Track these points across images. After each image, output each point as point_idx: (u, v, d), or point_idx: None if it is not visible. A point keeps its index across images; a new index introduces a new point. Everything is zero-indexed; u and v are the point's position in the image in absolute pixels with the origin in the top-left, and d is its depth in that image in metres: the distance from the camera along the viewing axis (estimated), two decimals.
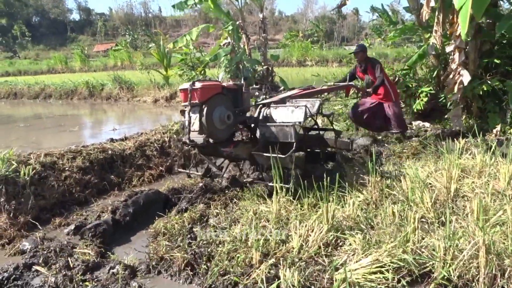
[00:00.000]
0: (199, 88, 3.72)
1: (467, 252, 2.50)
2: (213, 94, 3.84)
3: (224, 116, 3.91)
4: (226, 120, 3.93)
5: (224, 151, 4.18)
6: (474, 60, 6.25)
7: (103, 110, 14.25)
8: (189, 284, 2.82)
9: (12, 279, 2.92)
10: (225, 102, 4.00)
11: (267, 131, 4.02)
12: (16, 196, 4.01)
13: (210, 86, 3.87)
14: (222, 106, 3.91)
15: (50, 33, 77.12)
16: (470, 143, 5.10)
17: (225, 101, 4.01)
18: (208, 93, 3.79)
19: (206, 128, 3.78)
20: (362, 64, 6.04)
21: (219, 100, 3.92)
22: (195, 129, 3.81)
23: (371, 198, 3.62)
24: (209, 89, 3.83)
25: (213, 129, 3.86)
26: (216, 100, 3.88)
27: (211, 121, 3.81)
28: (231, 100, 4.09)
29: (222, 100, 3.96)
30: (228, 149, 4.12)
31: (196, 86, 3.72)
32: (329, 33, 60.01)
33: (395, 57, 18.99)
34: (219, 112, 3.87)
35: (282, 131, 3.90)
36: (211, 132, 3.85)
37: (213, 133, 3.88)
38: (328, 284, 2.53)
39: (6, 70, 36.44)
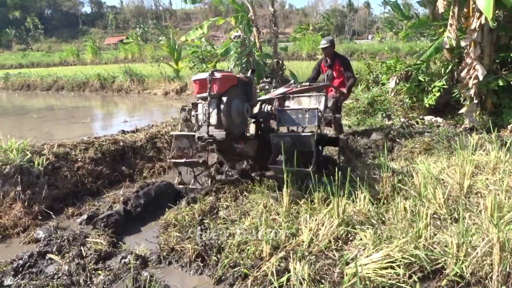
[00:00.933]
0: (219, 78, 3.43)
1: (481, 249, 2.47)
2: (231, 86, 3.57)
3: (242, 109, 3.69)
4: (245, 113, 3.72)
5: (237, 147, 3.97)
6: (489, 55, 6.14)
7: (114, 102, 14.36)
8: (200, 275, 2.85)
9: (27, 267, 2.98)
10: (240, 95, 3.76)
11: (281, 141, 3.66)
12: (31, 185, 4.08)
13: (229, 76, 3.60)
14: (237, 99, 3.66)
15: (62, 26, 77.72)
16: (484, 139, 5.03)
17: (240, 93, 3.77)
18: (228, 84, 3.52)
19: (225, 121, 3.49)
20: (328, 59, 5.91)
21: (236, 92, 3.67)
22: (212, 123, 3.48)
23: (383, 193, 3.59)
24: (229, 79, 3.56)
25: (232, 123, 3.57)
26: (234, 92, 3.62)
27: (230, 114, 3.54)
28: (244, 94, 3.86)
29: (238, 92, 3.71)
30: (239, 145, 3.94)
31: (216, 76, 3.42)
32: (340, 26, 59.46)
33: (407, 51, 18.78)
34: (237, 105, 3.63)
35: (299, 140, 3.67)
36: (230, 126, 3.55)
37: (231, 127, 3.58)
38: (338, 278, 2.52)
39: (20, 62, 36.86)
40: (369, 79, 9.22)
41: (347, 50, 25.14)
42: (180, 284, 2.73)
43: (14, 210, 3.83)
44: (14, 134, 4.83)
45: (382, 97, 8.01)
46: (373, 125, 6.95)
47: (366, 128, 6.78)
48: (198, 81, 3.52)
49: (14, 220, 3.73)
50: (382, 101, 7.87)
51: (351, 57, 23.10)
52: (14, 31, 67.13)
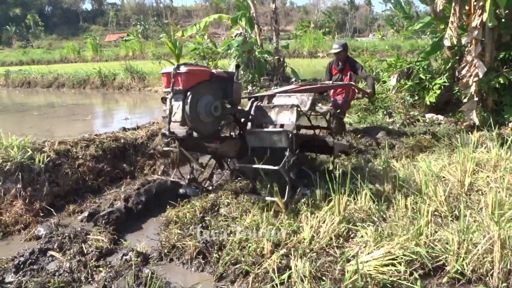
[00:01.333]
0: (184, 72, 3.20)
1: (482, 246, 2.48)
2: (200, 81, 3.33)
3: (211, 106, 3.39)
4: (213, 112, 3.41)
5: (209, 147, 3.77)
6: (491, 52, 6.11)
7: (115, 100, 14.35)
8: (201, 272, 2.85)
9: (28, 264, 2.98)
10: (213, 91, 3.47)
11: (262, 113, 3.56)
12: (32, 182, 4.08)
13: (197, 71, 3.35)
14: (209, 96, 3.40)
15: (62, 23, 77.66)
16: (485, 137, 5.02)
17: (214, 90, 3.48)
18: (194, 79, 3.28)
19: (189, 119, 3.26)
20: (340, 63, 5.82)
21: (207, 88, 3.40)
22: (176, 119, 3.29)
23: (384, 190, 3.59)
24: (196, 74, 3.31)
25: (198, 120, 3.33)
26: (203, 88, 3.36)
27: (196, 111, 3.29)
28: (220, 90, 3.57)
29: (210, 88, 3.44)
30: (213, 145, 3.69)
31: (181, 70, 3.21)
32: (341, 24, 59.35)
33: (408, 49, 18.76)
34: (206, 102, 3.36)
35: (282, 111, 3.44)
36: (195, 124, 3.33)
37: (197, 125, 3.35)
38: (339, 275, 2.52)
39: (20, 59, 36.86)
40: None
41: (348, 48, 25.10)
42: (181, 281, 2.74)
43: (15, 207, 3.83)
44: (14, 131, 4.83)
45: (383, 94, 8.00)
46: (374, 122, 6.95)
47: (367, 125, 6.77)
48: (165, 74, 3.35)
49: (15, 217, 3.74)
50: (383, 98, 7.86)
51: (351, 55, 23.12)
52: (14, 28, 67.14)
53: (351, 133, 6.04)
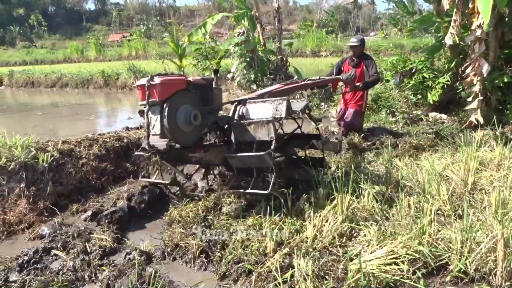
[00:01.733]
0: (158, 84, 3.10)
1: (485, 245, 2.47)
2: (176, 91, 3.21)
3: (189, 116, 3.26)
4: (192, 121, 3.28)
5: (192, 157, 3.69)
6: (494, 51, 6.10)
7: (118, 99, 14.40)
8: (204, 271, 2.85)
9: (32, 263, 2.99)
10: (191, 100, 3.34)
11: (240, 130, 3.45)
12: (35, 182, 4.10)
13: (171, 81, 3.23)
14: (187, 105, 3.27)
15: (65, 23, 77.92)
16: (488, 136, 5.00)
17: (191, 98, 3.35)
18: (170, 90, 3.17)
19: (168, 131, 3.15)
20: (355, 59, 5.73)
21: (184, 97, 3.28)
22: (155, 132, 3.19)
23: (387, 189, 3.59)
24: (171, 85, 3.20)
25: (177, 132, 3.22)
26: (180, 97, 3.24)
27: (175, 122, 3.18)
28: (199, 98, 3.44)
29: (187, 97, 3.31)
30: (197, 154, 3.60)
31: (154, 81, 3.10)
32: (344, 23, 59.23)
33: (412, 48, 18.69)
34: (184, 111, 3.24)
35: (259, 128, 3.35)
36: (175, 136, 3.23)
37: (177, 136, 3.25)
38: (342, 274, 2.52)
39: (24, 59, 37.04)
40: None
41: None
42: (184, 280, 2.74)
43: (19, 207, 3.84)
44: (18, 131, 4.86)
45: (386, 93, 7.99)
46: (377, 121, 6.94)
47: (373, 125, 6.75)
48: (139, 87, 3.24)
49: (19, 217, 3.75)
50: (386, 97, 7.85)
51: None
52: (18, 28, 67.45)
53: (355, 132, 6.02)
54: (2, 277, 2.82)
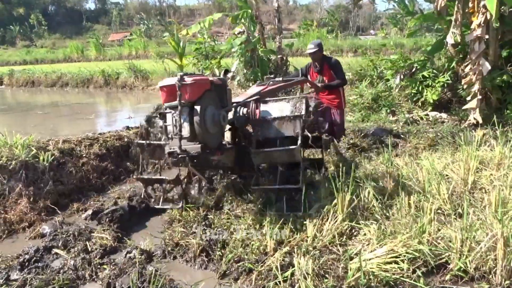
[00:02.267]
0: (190, 84, 2.91)
1: (485, 244, 2.48)
2: (204, 91, 3.07)
3: (218, 117, 3.16)
4: (221, 122, 3.20)
5: (213, 160, 3.58)
6: (494, 50, 6.09)
7: (119, 99, 14.41)
8: (204, 270, 2.86)
9: (33, 261, 3.01)
10: (215, 101, 3.25)
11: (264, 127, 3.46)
12: (36, 181, 4.11)
13: (202, 81, 3.07)
14: (212, 106, 3.16)
15: (66, 22, 77.83)
16: (488, 135, 5.01)
17: (215, 99, 3.26)
18: (200, 90, 3.03)
19: (200, 132, 2.99)
20: (317, 64, 5.51)
21: (210, 98, 3.15)
22: (185, 135, 2.99)
23: (387, 188, 3.59)
24: (201, 84, 3.05)
25: (207, 134, 3.06)
26: (207, 98, 3.10)
27: (205, 124, 3.02)
28: (218, 98, 3.34)
29: (212, 98, 3.19)
30: (216, 157, 3.49)
31: (187, 81, 2.91)
32: (344, 22, 59.14)
33: (412, 47, 18.68)
34: (212, 112, 3.11)
35: (283, 124, 3.40)
36: (205, 138, 3.05)
37: (207, 138, 3.08)
38: (342, 273, 2.53)
39: (24, 59, 36.96)
40: (373, 75, 9.19)
41: (351, 46, 25.05)
42: (184, 279, 2.75)
43: (20, 206, 3.85)
44: (19, 130, 4.86)
45: (386, 93, 7.98)
46: (377, 121, 6.93)
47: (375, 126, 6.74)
48: (165, 87, 3.03)
49: (20, 216, 3.76)
50: (386, 97, 7.84)
51: (355, 53, 23.06)
52: (18, 28, 67.35)
53: (357, 132, 6.00)
54: (3, 275, 2.83)
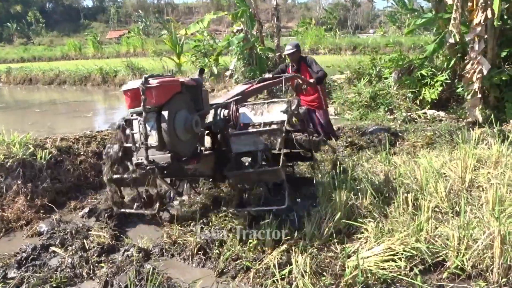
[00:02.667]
0: (155, 86, 2.57)
1: (482, 242, 2.48)
2: (173, 94, 2.74)
3: (190, 122, 2.80)
4: (194, 128, 2.83)
5: (188, 169, 3.24)
6: (492, 49, 6.11)
7: (116, 97, 14.36)
8: (202, 268, 2.86)
9: (30, 259, 3.00)
10: (187, 104, 2.90)
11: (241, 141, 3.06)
12: (33, 179, 4.09)
13: (169, 83, 2.73)
14: (184, 110, 2.82)
15: (63, 20, 77.55)
16: (486, 133, 5.01)
17: (187, 102, 2.91)
18: (169, 93, 2.70)
19: (169, 140, 2.66)
20: (294, 64, 5.46)
21: (180, 101, 2.82)
22: (151, 144, 2.66)
23: (384, 187, 3.59)
24: (169, 87, 2.71)
25: (177, 141, 2.73)
26: (177, 101, 2.77)
27: (175, 131, 2.70)
28: (192, 101, 3.00)
29: (183, 101, 2.85)
30: (192, 165, 3.09)
31: (151, 83, 2.57)
32: (343, 20, 59.12)
33: (410, 45, 18.69)
34: (183, 117, 2.77)
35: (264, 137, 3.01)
36: (175, 146, 2.72)
37: (178, 146, 2.74)
38: (340, 271, 2.54)
39: (21, 56, 36.79)
40: (371, 73, 9.19)
41: (350, 45, 25.03)
42: (182, 277, 2.75)
43: (17, 204, 3.84)
44: (16, 128, 4.85)
45: (384, 91, 7.99)
46: (375, 119, 6.94)
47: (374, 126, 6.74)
48: (129, 92, 2.67)
49: (17, 214, 3.75)
50: (384, 95, 7.85)
51: (354, 51, 23.05)
52: (15, 25, 67.08)
53: (355, 130, 6.01)
54: (0, 273, 2.83)
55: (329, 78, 10.01)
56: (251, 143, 3.03)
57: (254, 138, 3.02)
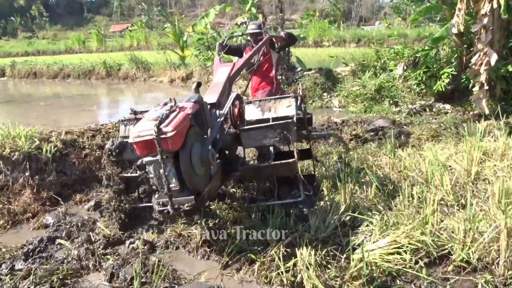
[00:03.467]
0: (172, 136, 2.32)
1: (488, 235, 2.47)
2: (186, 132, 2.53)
3: (206, 155, 2.68)
4: (211, 161, 2.73)
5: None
6: (499, 40, 6.02)
7: (120, 90, 14.38)
8: (207, 260, 2.87)
9: (37, 251, 3.03)
10: (198, 135, 2.75)
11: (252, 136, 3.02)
12: (39, 172, 4.12)
13: (182, 123, 2.46)
14: (197, 143, 2.67)
15: (67, 14, 77.47)
16: (492, 126, 4.97)
17: (197, 133, 2.75)
18: (183, 133, 2.49)
19: (189, 180, 2.52)
20: (254, 45, 4.82)
21: (192, 135, 2.62)
22: (173, 187, 2.50)
23: (390, 179, 3.58)
24: (183, 128, 2.47)
25: (196, 178, 2.60)
26: (190, 137, 2.58)
27: (193, 169, 2.57)
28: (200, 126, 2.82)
29: (194, 134, 2.67)
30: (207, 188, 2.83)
31: (166, 133, 2.32)
32: (347, 12, 58.57)
33: (415, 37, 18.51)
34: (198, 152, 2.63)
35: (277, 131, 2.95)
36: (195, 184, 2.59)
37: (196, 183, 2.60)
38: (345, 264, 2.54)
39: (26, 50, 36.87)
40: (376, 65, 9.12)
41: (354, 37, 24.85)
42: (187, 269, 2.76)
43: (23, 196, 3.88)
44: (21, 122, 4.87)
45: (389, 83, 7.93)
46: (380, 112, 6.90)
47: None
48: (139, 143, 2.38)
49: (24, 206, 3.79)
50: (389, 87, 7.80)
51: (358, 43, 22.89)
52: (19, 19, 67.10)
53: (360, 123, 5.97)
54: (8, 265, 2.86)
55: (334, 71, 9.96)
56: (262, 138, 3.00)
57: (266, 132, 2.98)
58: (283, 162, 3.02)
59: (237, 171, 3.15)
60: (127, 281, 2.60)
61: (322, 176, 3.76)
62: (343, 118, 6.34)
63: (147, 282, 2.58)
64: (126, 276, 2.63)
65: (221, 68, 3.61)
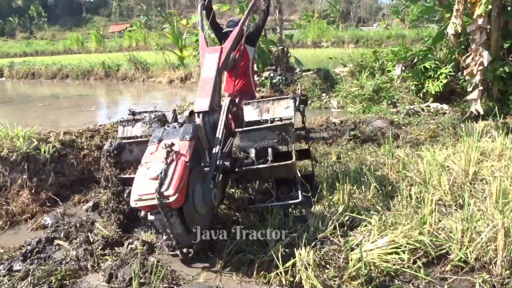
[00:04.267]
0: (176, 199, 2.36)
1: (485, 235, 2.48)
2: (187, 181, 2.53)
3: (209, 196, 2.75)
4: (213, 201, 2.80)
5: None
6: (496, 41, 6.05)
7: (119, 91, 14.37)
8: (205, 260, 2.87)
9: (35, 252, 3.02)
10: (198, 174, 2.75)
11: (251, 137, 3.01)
12: (37, 173, 4.11)
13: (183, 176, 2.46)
14: (198, 184, 2.68)
15: (65, 14, 77.36)
16: (490, 126, 4.99)
17: (197, 173, 2.74)
18: (185, 188, 2.50)
19: (192, 223, 2.60)
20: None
21: (193, 179, 2.63)
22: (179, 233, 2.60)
23: (388, 180, 3.59)
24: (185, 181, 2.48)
25: (199, 219, 2.67)
26: (191, 181, 2.59)
27: (196, 212, 2.64)
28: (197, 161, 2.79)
29: (195, 175, 2.67)
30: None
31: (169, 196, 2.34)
32: (346, 13, 58.64)
33: (413, 38, 18.56)
34: (200, 193, 2.68)
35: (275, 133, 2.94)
36: (198, 224, 2.67)
37: (201, 224, 2.70)
38: (343, 264, 2.54)
39: (24, 51, 36.83)
40: (374, 66, 9.15)
41: (353, 37, 24.88)
42: (186, 269, 2.76)
43: (22, 197, 3.87)
44: (20, 122, 4.85)
45: (387, 84, 7.95)
46: (378, 112, 6.92)
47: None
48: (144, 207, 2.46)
49: (22, 207, 3.78)
50: (387, 88, 7.82)
51: (356, 44, 22.91)
52: (17, 19, 67.01)
53: (358, 123, 6.00)
54: (6, 266, 2.85)
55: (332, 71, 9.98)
56: (261, 139, 3.00)
57: (265, 134, 2.98)
58: (281, 164, 3.02)
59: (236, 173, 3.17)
60: (126, 282, 2.59)
61: (320, 176, 3.76)
62: (342, 118, 6.35)
63: (146, 282, 2.58)
64: (125, 276, 2.63)
65: (209, 56, 3.52)
